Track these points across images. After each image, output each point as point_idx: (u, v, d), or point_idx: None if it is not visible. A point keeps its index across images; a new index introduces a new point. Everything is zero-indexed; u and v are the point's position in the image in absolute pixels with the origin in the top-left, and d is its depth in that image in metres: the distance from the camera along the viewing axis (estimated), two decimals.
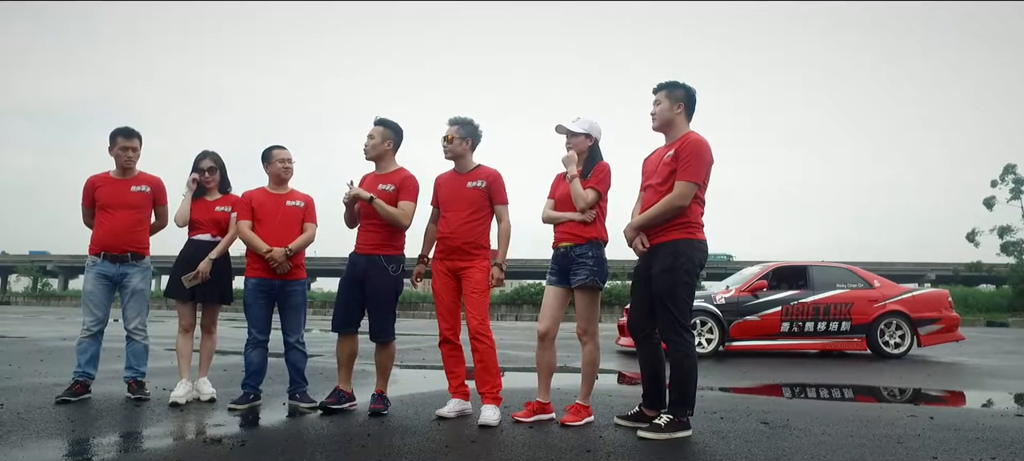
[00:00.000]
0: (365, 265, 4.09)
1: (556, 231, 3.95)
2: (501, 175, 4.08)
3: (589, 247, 3.80)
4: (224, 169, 4.66)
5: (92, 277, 4.38)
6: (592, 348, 3.85)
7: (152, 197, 4.55)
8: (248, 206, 4.39)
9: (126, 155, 4.44)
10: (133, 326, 4.47)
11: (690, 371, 3.47)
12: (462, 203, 4.00)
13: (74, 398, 4.25)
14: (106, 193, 4.42)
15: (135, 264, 4.46)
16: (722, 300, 9.38)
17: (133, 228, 4.45)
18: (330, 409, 4.05)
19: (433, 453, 3.11)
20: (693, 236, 3.53)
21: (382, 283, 4.06)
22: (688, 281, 3.50)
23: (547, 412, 3.87)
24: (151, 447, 3.14)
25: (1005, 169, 43.34)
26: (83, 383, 4.35)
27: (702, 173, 3.52)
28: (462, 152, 4.06)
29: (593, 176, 3.85)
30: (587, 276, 3.76)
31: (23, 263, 58.42)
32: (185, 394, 4.30)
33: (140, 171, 4.58)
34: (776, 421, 3.97)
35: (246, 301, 4.36)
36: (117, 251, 4.40)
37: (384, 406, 4.05)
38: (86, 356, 4.36)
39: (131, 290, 4.44)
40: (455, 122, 4.08)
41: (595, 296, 3.87)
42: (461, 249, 3.96)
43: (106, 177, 4.50)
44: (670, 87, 3.66)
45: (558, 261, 3.91)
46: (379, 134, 4.19)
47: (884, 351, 9.22)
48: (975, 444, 3.40)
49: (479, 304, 3.91)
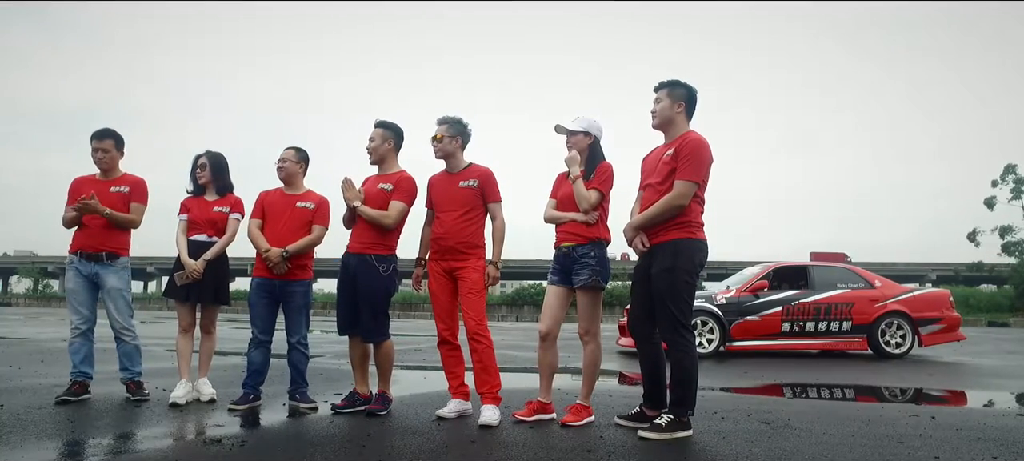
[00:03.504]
0: (356, 264, 4.08)
1: (558, 231, 3.94)
2: (493, 173, 4.06)
3: (591, 247, 3.79)
4: (224, 170, 4.65)
5: (71, 275, 4.40)
6: (594, 348, 3.84)
7: (128, 197, 4.50)
8: (261, 206, 4.43)
9: (97, 156, 4.45)
10: (119, 327, 4.46)
11: (691, 371, 3.46)
12: (455, 203, 3.98)
13: (74, 398, 4.25)
14: (87, 193, 4.39)
15: (110, 264, 4.43)
16: (723, 300, 9.37)
17: (110, 228, 4.42)
18: (341, 413, 4.05)
19: (433, 453, 3.10)
20: (693, 235, 3.51)
21: (372, 283, 4.04)
22: (688, 280, 3.49)
23: (548, 412, 3.86)
24: (151, 447, 3.13)
25: (1006, 169, 43.28)
26: (82, 383, 4.35)
27: (702, 172, 3.51)
28: (452, 151, 4.05)
29: (596, 177, 3.83)
30: (589, 276, 3.75)
31: (24, 264, 58.45)
32: (185, 394, 4.29)
33: (124, 172, 4.58)
34: (777, 421, 3.96)
35: (250, 300, 4.40)
36: (92, 250, 4.40)
37: (382, 406, 4.04)
38: (79, 356, 4.37)
39: (107, 289, 4.41)
40: (443, 121, 4.06)
41: (597, 296, 3.86)
42: (455, 249, 3.94)
43: (91, 178, 4.52)
44: (671, 86, 3.65)
45: (560, 261, 3.90)
46: (379, 136, 4.19)
47: (885, 351, 9.21)
48: (977, 444, 3.39)
49: (476, 304, 3.90)
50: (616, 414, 3.89)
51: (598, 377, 3.97)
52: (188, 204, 4.58)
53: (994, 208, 43.29)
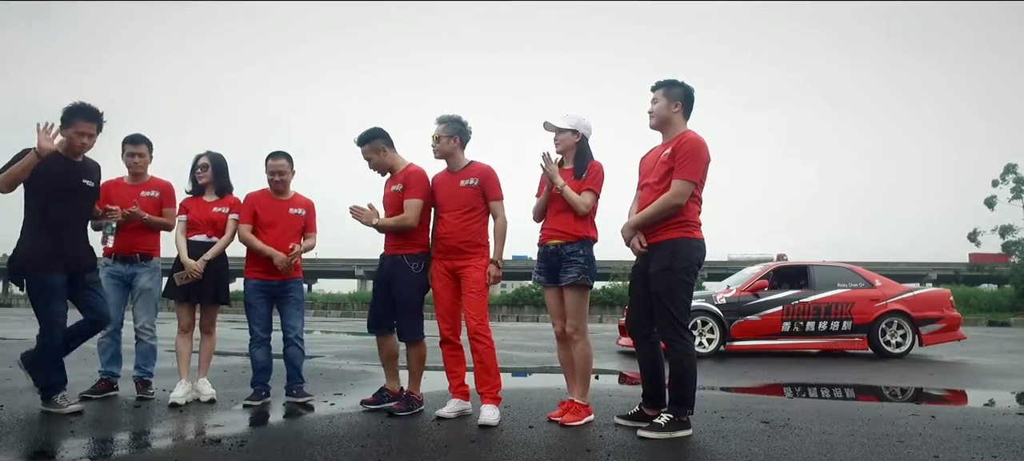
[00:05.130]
0: (390, 266, 4.11)
1: (544, 229, 3.90)
2: (494, 171, 4.03)
3: (580, 245, 3.76)
4: (224, 170, 4.68)
5: (104, 278, 4.43)
6: (583, 345, 3.81)
7: (160, 202, 4.62)
8: (251, 209, 4.46)
9: (132, 161, 4.56)
10: (140, 325, 4.59)
11: (689, 370, 3.46)
12: (456, 202, 3.96)
13: (97, 395, 4.41)
14: (117, 197, 4.46)
15: (144, 264, 4.57)
16: (723, 300, 9.36)
17: (143, 230, 4.55)
18: (372, 408, 4.12)
19: (433, 453, 3.11)
20: (691, 235, 3.50)
21: (406, 282, 4.05)
22: (686, 280, 3.48)
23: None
24: (152, 448, 3.13)
25: (1006, 168, 43.26)
26: (108, 381, 4.52)
27: (699, 172, 3.50)
28: (450, 151, 4.02)
29: (588, 177, 3.80)
30: (578, 274, 3.72)
31: None
32: (184, 395, 4.32)
33: (151, 176, 4.69)
34: (777, 420, 3.96)
35: (247, 301, 4.49)
36: (128, 252, 4.52)
37: (406, 407, 4.02)
38: (107, 355, 4.54)
39: (139, 289, 4.56)
40: (441, 120, 4.04)
41: (585, 294, 3.83)
42: (457, 249, 3.93)
43: (119, 182, 4.60)
44: (668, 85, 3.64)
45: (547, 260, 3.85)
46: (371, 151, 4.16)
47: (885, 350, 9.20)
48: (977, 443, 3.38)
49: (477, 304, 3.89)
50: (616, 414, 3.89)
51: (592, 375, 3.97)
52: (187, 204, 4.60)
53: (994, 208, 43.30)
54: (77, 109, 3.87)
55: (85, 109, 3.89)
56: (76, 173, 3.94)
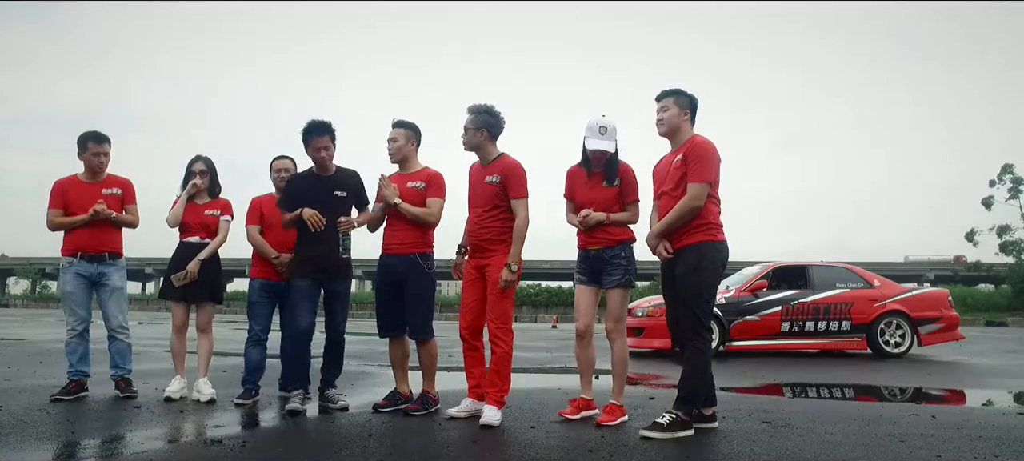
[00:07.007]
0: (403, 265, 4.05)
1: (582, 235, 3.90)
2: (520, 166, 3.89)
3: (621, 248, 3.81)
4: (215, 173, 4.72)
5: (70, 278, 4.41)
6: (621, 344, 3.86)
7: (122, 199, 4.58)
8: (258, 211, 4.56)
9: (98, 160, 4.48)
10: (117, 324, 4.54)
11: (703, 369, 3.55)
12: (480, 199, 3.92)
13: (69, 396, 4.32)
14: (77, 196, 4.42)
15: (112, 263, 4.53)
16: (722, 300, 9.35)
17: (109, 228, 4.50)
18: (382, 411, 4.06)
19: (433, 453, 3.10)
20: (714, 238, 3.57)
21: (420, 281, 4.04)
22: (712, 283, 3.58)
23: (591, 408, 3.89)
24: (151, 448, 3.12)
25: (1003, 169, 43.45)
26: (78, 382, 4.43)
27: (712, 172, 3.56)
28: (478, 143, 3.93)
29: (628, 189, 3.82)
30: (622, 276, 3.79)
31: (21, 265, 58.38)
32: (179, 389, 4.41)
33: (109, 173, 4.61)
34: (778, 420, 3.96)
35: (251, 299, 4.57)
36: (94, 251, 4.44)
37: (422, 407, 4.01)
38: (76, 355, 4.45)
39: (110, 288, 4.50)
40: (470, 110, 3.95)
41: (627, 294, 3.89)
42: (480, 246, 3.90)
43: (74, 179, 4.53)
44: (676, 94, 3.72)
45: (590, 262, 3.88)
46: (402, 136, 4.16)
47: (884, 350, 9.21)
48: (978, 443, 3.39)
49: (495, 304, 3.82)
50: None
51: (593, 375, 3.96)
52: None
53: (991, 208, 43.41)
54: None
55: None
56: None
